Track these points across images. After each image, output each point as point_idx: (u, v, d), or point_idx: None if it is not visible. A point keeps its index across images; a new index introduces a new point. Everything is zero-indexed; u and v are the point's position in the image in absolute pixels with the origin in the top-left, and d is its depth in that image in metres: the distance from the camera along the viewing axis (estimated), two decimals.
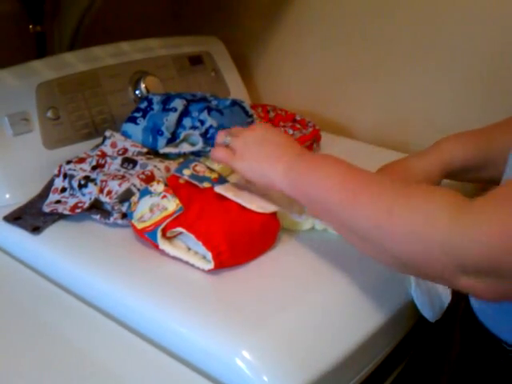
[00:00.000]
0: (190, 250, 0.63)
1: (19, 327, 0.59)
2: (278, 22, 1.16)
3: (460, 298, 0.63)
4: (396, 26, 0.99)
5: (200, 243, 0.60)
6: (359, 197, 0.52)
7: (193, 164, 0.73)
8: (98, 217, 0.70)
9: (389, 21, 1.00)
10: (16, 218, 0.72)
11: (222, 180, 0.73)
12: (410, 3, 0.96)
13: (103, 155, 0.79)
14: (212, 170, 0.74)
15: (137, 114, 0.85)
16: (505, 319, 0.54)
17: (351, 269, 0.64)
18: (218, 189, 0.67)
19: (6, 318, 0.60)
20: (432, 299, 0.62)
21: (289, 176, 0.60)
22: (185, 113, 0.84)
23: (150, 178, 0.72)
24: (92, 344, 0.57)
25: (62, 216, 0.71)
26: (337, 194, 0.55)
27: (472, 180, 0.75)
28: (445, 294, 0.64)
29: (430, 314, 0.61)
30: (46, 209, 0.72)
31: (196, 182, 0.70)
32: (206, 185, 0.70)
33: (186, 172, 0.71)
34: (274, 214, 0.67)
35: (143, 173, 0.73)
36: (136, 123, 0.84)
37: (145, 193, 0.68)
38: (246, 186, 0.74)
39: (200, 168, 0.73)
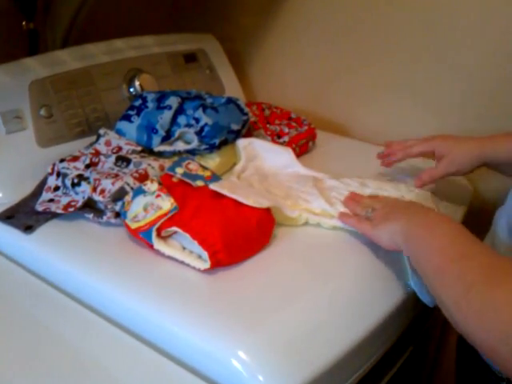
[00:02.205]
0: (185, 250, 0.62)
1: (11, 326, 0.58)
2: (273, 19, 1.15)
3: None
4: (393, 23, 0.99)
5: (195, 242, 0.60)
6: (449, 268, 0.50)
7: (185, 162, 0.73)
8: (91, 216, 0.69)
9: (385, 17, 1.00)
10: (8, 216, 0.71)
11: (215, 178, 0.72)
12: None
13: (97, 153, 0.78)
14: (205, 168, 0.74)
15: (131, 112, 0.85)
16: None
17: (347, 265, 0.64)
18: (213, 186, 0.67)
19: None
20: None
21: (404, 231, 0.58)
22: (179, 111, 0.84)
23: (143, 177, 0.71)
24: (86, 344, 0.56)
25: (54, 215, 0.70)
26: (434, 257, 0.53)
27: None
28: None
29: (428, 299, 0.61)
30: (39, 207, 0.71)
31: (189, 181, 0.70)
32: (200, 183, 0.70)
33: (179, 170, 0.71)
34: (269, 212, 0.66)
35: (137, 171, 0.72)
36: (130, 121, 0.84)
37: (138, 192, 0.67)
38: (241, 182, 0.73)
39: (193, 166, 0.73)
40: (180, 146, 0.83)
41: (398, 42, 0.99)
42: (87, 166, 0.75)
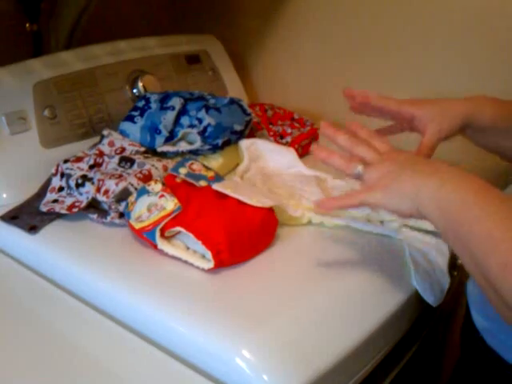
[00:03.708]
0: (189, 249, 0.63)
1: (16, 326, 0.58)
2: (275, 20, 1.16)
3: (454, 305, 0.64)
4: (394, 23, 0.99)
5: (199, 242, 0.60)
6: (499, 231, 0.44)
7: (189, 162, 0.73)
8: (95, 216, 0.70)
9: (387, 17, 1.00)
10: (13, 217, 0.72)
11: (218, 178, 0.73)
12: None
13: (101, 154, 0.78)
14: (208, 169, 0.74)
15: (134, 113, 0.85)
16: None
17: (350, 265, 0.64)
18: (216, 186, 0.67)
19: (2, 317, 0.60)
20: (432, 284, 0.62)
21: (443, 192, 0.49)
22: (182, 111, 0.84)
23: (147, 177, 0.72)
24: (90, 343, 0.56)
25: (59, 215, 0.71)
26: (484, 223, 0.45)
27: (489, 146, 0.72)
28: (444, 278, 0.64)
29: (431, 298, 0.61)
30: (43, 208, 0.71)
31: (192, 181, 0.70)
32: (203, 183, 0.70)
33: (182, 171, 0.71)
34: (272, 211, 0.67)
35: (140, 172, 0.72)
36: (134, 122, 0.84)
37: (142, 192, 0.67)
38: (244, 182, 0.74)
39: (196, 166, 0.73)
40: (183, 146, 0.83)
41: (400, 42, 0.99)
42: (91, 167, 0.75)
